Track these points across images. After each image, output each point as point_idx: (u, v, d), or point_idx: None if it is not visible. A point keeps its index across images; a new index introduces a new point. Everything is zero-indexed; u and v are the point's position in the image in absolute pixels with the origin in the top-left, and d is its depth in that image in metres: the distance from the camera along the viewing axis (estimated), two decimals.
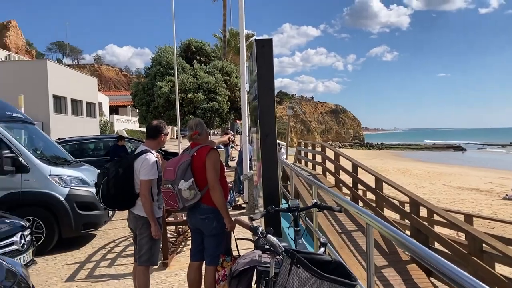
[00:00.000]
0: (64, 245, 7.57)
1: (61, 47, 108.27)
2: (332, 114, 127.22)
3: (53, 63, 29.65)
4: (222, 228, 4.06)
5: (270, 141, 4.10)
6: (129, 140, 16.15)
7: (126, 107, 53.86)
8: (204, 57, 25.75)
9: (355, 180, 11.88)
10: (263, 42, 4.07)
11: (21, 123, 8.40)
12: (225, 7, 33.91)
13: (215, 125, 24.60)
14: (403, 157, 69.73)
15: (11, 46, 73.00)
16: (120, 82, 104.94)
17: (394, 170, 38.39)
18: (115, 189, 4.16)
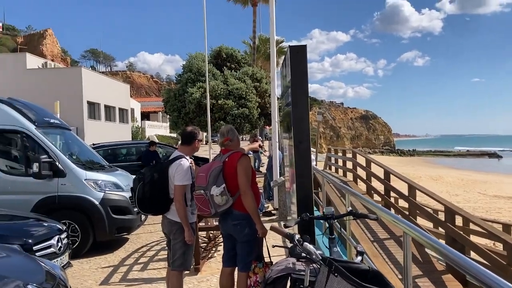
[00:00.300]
0: (98, 249, 7.71)
1: (95, 54, 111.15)
2: (362, 120, 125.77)
3: (87, 70, 30.45)
4: (254, 234, 4.06)
5: (303, 148, 4.09)
6: (160, 146, 16.37)
7: (157, 113, 54.70)
8: (235, 64, 25.93)
9: (387, 187, 11.68)
10: (297, 48, 4.07)
11: (58, 129, 8.63)
12: (255, 13, 34.07)
13: (244, 131, 24.69)
14: (435, 164, 68.32)
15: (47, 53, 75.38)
16: (151, 89, 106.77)
17: (426, 177, 37.64)
18: (150, 194, 4.22)
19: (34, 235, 5.09)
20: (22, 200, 7.20)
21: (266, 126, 28.70)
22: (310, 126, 19.37)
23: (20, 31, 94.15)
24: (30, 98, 10.77)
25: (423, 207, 10.16)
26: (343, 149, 21.22)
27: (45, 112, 8.65)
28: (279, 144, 12.24)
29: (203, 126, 20.69)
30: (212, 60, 25.55)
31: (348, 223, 4.92)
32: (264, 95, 24.41)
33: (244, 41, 42.61)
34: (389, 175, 11.63)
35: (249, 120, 23.07)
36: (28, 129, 7.47)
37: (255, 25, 34.79)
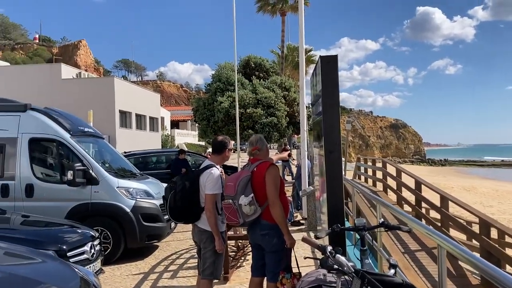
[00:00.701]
0: (129, 256, 7.82)
1: (127, 64, 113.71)
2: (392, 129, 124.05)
3: (119, 80, 31.14)
4: (282, 244, 4.04)
5: (334, 157, 4.06)
6: (188, 154, 16.55)
7: (186, 121, 55.42)
8: (263, 73, 26.07)
9: (419, 197, 11.47)
10: (328, 58, 4.06)
11: (91, 137, 8.84)
12: (283, 23, 34.17)
13: (273, 139, 24.72)
14: (467, 174, 66.62)
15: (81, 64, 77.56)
16: (181, 98, 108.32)
17: (458, 188, 36.72)
18: (181, 203, 4.26)
19: (68, 241, 5.21)
20: (57, 207, 7.38)
21: (294, 135, 28.62)
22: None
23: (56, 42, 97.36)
24: (65, 107, 11.08)
25: (456, 219, 9.92)
26: (373, 159, 20.97)
27: (80, 121, 8.88)
28: (308, 153, 12.19)
29: (232, 134, 20.82)
30: (241, 69, 25.75)
31: (379, 235, 4.85)
32: (293, 104, 24.41)
33: (272, 50, 42.81)
34: (420, 185, 11.43)
35: (277, 128, 23.08)
36: (63, 137, 7.67)
37: (283, 35, 34.90)
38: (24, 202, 7.39)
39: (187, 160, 14.13)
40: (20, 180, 7.49)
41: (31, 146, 7.63)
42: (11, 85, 25.43)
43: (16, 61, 66.21)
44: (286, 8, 33.37)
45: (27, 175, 7.51)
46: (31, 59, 76.77)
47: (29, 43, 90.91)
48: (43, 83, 26.89)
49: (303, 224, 10.75)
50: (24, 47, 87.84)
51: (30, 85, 26.26)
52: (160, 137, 36.01)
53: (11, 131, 7.60)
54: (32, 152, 7.66)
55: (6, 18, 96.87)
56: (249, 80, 24.61)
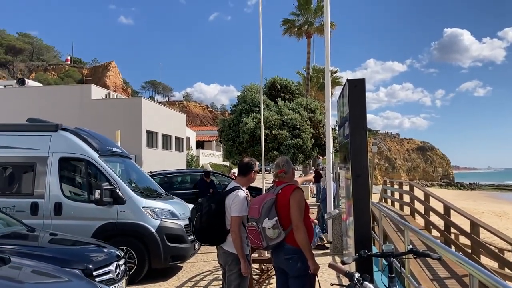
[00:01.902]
0: (153, 276, 7.82)
1: (154, 85, 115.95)
2: (419, 151, 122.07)
3: (146, 101, 31.74)
4: (306, 269, 3.96)
5: (362, 181, 4.01)
6: (213, 174, 16.61)
7: (211, 141, 55.85)
8: (289, 94, 26.18)
9: (447, 223, 11.18)
10: (356, 82, 4.05)
11: (119, 157, 8.98)
12: (309, 45, 34.33)
13: (298, 161, 24.62)
14: (498, 198, 64.74)
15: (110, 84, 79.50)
16: (206, 118, 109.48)
17: (489, 213, 35.71)
18: (207, 224, 4.26)
19: (94, 260, 5.26)
20: (84, 226, 7.48)
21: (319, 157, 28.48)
22: None
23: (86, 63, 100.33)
24: (94, 127, 11.33)
25: (488, 246, 9.60)
26: (400, 182, 20.62)
27: (108, 141, 9.05)
28: (334, 175, 12.07)
29: (257, 155, 20.85)
30: (266, 91, 25.93)
31: (407, 261, 4.74)
32: (318, 126, 24.35)
33: (298, 71, 42.97)
34: (449, 210, 11.16)
35: (302, 150, 23.00)
36: (92, 157, 7.82)
37: (309, 57, 35.03)
38: (53, 220, 7.51)
39: (213, 181, 14.19)
40: (50, 198, 7.63)
41: (61, 165, 7.80)
42: (43, 105, 26.22)
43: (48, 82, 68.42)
44: (312, 30, 33.55)
45: (56, 194, 7.65)
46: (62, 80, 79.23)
47: (61, 64, 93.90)
48: (73, 104, 27.65)
49: (329, 248, 10.59)
50: (56, 68, 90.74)
51: (61, 105, 27.02)
52: (185, 157, 36.34)
53: (42, 150, 7.79)
54: (61, 171, 7.82)
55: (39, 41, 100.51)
56: (275, 102, 24.73)
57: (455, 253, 3.17)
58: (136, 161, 25.31)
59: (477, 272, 2.75)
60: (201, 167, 37.29)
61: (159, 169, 18.01)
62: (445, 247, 3.39)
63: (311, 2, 32.78)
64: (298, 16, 34.00)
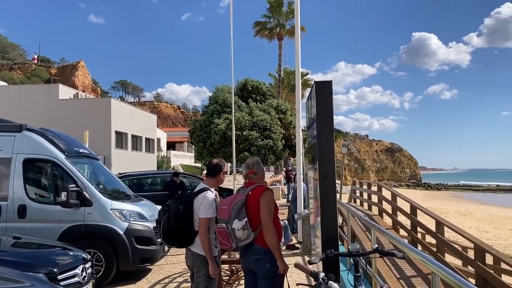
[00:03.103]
0: (121, 279, 7.71)
1: (124, 85, 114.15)
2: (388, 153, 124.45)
3: (116, 101, 31.27)
4: (275, 270, 3.98)
5: (329, 182, 4.06)
6: (184, 176, 16.50)
7: (182, 143, 55.40)
8: (260, 96, 26.20)
9: (414, 222, 11.42)
10: (323, 84, 4.10)
11: (86, 158, 8.81)
12: (280, 47, 34.55)
13: (269, 162, 24.70)
14: (463, 198, 66.60)
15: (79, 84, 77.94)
16: (178, 119, 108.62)
17: (454, 213, 36.65)
18: (175, 226, 4.23)
19: (60, 264, 5.13)
20: (49, 228, 7.30)
21: (290, 157, 28.64)
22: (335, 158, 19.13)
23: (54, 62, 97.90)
24: (61, 127, 11.08)
25: (452, 244, 9.86)
26: (368, 182, 20.96)
27: (75, 142, 8.86)
28: (304, 176, 12.17)
29: (228, 156, 20.80)
30: (238, 92, 25.90)
31: (373, 260, 4.81)
32: (289, 127, 24.49)
33: (269, 73, 43.16)
34: (415, 210, 11.39)
35: (273, 151, 23.07)
36: (58, 158, 7.64)
37: (280, 59, 35.25)
38: (16, 223, 7.29)
39: (183, 182, 14.08)
40: (13, 200, 7.40)
41: (25, 166, 7.58)
42: (8, 105, 25.46)
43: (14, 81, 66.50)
44: (283, 33, 33.77)
45: (20, 196, 7.44)
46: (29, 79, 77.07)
47: (28, 63, 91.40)
48: (40, 103, 26.96)
49: (298, 248, 10.68)
50: (22, 67, 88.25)
51: (28, 105, 26.31)
52: (156, 159, 35.94)
53: (6, 151, 7.56)
54: (26, 173, 7.60)
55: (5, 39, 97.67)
56: (246, 103, 24.73)
57: (419, 251, 3.25)
58: (105, 162, 24.87)
59: (439, 270, 2.82)
60: (172, 169, 36.94)
61: (129, 171, 17.76)
62: (410, 246, 3.47)
63: (282, 5, 32.99)
64: (270, 19, 34.17)
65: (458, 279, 2.60)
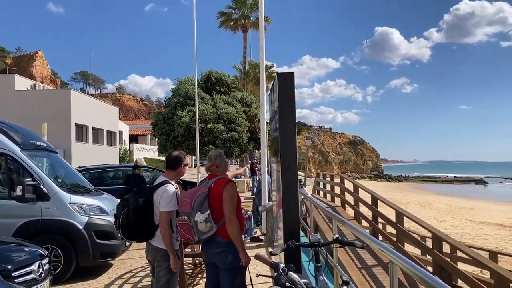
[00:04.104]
0: (81, 274, 7.53)
1: (85, 76, 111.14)
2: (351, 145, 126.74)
3: (76, 93, 30.42)
4: (237, 262, 3.96)
5: (290, 174, 4.07)
6: (147, 169, 16.26)
7: (145, 135, 54.56)
8: (224, 88, 26.09)
9: (375, 213, 11.67)
10: (285, 75, 4.09)
11: (44, 151, 8.53)
12: (245, 39, 34.56)
13: (234, 155, 24.68)
14: (423, 190, 68.65)
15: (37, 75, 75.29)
16: (141, 111, 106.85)
17: (414, 203, 37.76)
18: (134, 221, 4.14)
19: (14, 260, 4.96)
20: (4, 224, 7.02)
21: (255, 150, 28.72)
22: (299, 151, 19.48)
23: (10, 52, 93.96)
24: (18, 120, 10.70)
25: (411, 234, 10.14)
26: (331, 174, 21.27)
27: (32, 134, 8.56)
28: (268, 169, 12.22)
29: (192, 149, 20.66)
30: (202, 84, 25.70)
31: (335, 250, 4.87)
32: (254, 120, 24.52)
33: (234, 65, 43.05)
34: (376, 201, 11.64)
35: (238, 144, 23.07)
36: (13, 151, 7.36)
37: (245, 51, 35.24)
38: None
39: (143, 176, 13.86)
40: None
41: None
42: None
43: None
44: (248, 25, 33.74)
45: None
46: None
47: None
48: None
49: (263, 240, 10.72)
50: None
51: None
52: (118, 152, 35.26)
53: None
54: None
55: None
56: (210, 95, 24.58)
57: (377, 241, 3.30)
58: (65, 155, 24.21)
59: (397, 259, 2.87)
60: (135, 162, 36.36)
61: (90, 164, 17.34)
62: (369, 236, 3.52)
63: None
64: (235, 10, 34.07)
65: (415, 267, 2.66)
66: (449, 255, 10.91)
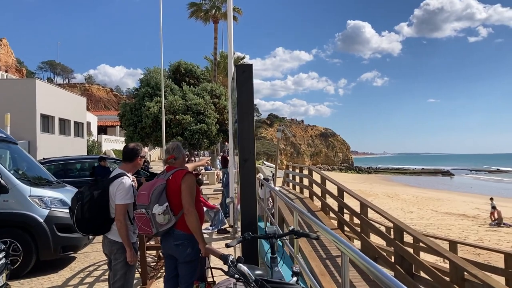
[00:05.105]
0: (41, 268, 7.39)
1: (53, 66, 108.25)
2: (322, 138, 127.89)
3: (41, 82, 29.56)
4: (196, 254, 3.96)
5: (249, 165, 4.07)
6: (116, 161, 16.01)
7: (114, 127, 53.62)
8: (194, 79, 25.85)
9: (341, 204, 11.83)
10: (244, 67, 4.07)
11: (3, 143, 8.29)
12: (216, 30, 34.29)
13: (203, 146, 24.56)
14: (391, 181, 70.04)
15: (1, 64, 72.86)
16: (110, 102, 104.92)
17: (383, 195, 38.46)
18: (89, 214, 4.06)
19: None
20: None
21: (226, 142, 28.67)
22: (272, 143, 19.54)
23: None
24: None
25: (374, 225, 10.33)
26: (300, 166, 21.43)
27: None
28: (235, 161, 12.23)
29: (160, 141, 20.45)
30: (171, 75, 25.39)
31: (296, 242, 4.92)
32: (223, 111, 24.45)
33: (205, 56, 42.70)
34: (342, 192, 11.78)
35: (207, 136, 22.96)
36: None
37: (216, 42, 35.02)
38: None
39: (109, 168, 13.65)
40: None
41: None
42: None
43: None
44: (219, 16, 33.46)
45: None
46: None
47: None
48: None
49: (230, 232, 10.74)
50: None
51: None
52: (86, 143, 34.58)
53: None
54: None
55: None
56: (179, 86, 24.32)
57: (331, 232, 3.34)
58: (30, 147, 23.60)
59: (346, 249, 2.91)
60: (103, 153, 35.75)
61: (57, 156, 16.96)
62: (323, 226, 3.55)
63: None
64: (205, 0, 33.72)
65: (363, 258, 2.69)
66: (413, 245, 11.20)
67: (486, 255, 14.36)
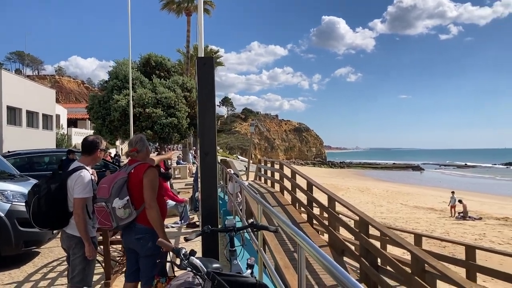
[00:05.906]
0: (2, 264, 7.21)
1: (21, 57, 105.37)
2: (296, 132, 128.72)
3: (8, 73, 28.73)
4: (157, 248, 3.93)
5: (209, 159, 4.06)
6: None
7: (85, 120, 52.59)
8: (164, 72, 25.51)
9: (310, 198, 11.94)
10: (205, 60, 4.05)
11: None
12: (189, 23, 33.96)
13: (173, 140, 24.33)
14: (363, 175, 71.11)
15: None
16: (82, 94, 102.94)
17: (354, 189, 39.01)
18: (46, 208, 3.98)
19: None
20: None
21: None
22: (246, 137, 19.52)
23: None
24: None
25: (341, 218, 10.47)
26: (272, 161, 21.53)
27: None
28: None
29: (129, 135, 20.19)
30: (141, 67, 25.01)
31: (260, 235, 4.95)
32: (194, 105, 24.25)
33: (178, 49, 42.33)
34: (311, 186, 11.89)
35: (178, 129, 22.74)
36: None
37: (189, 35, 34.69)
38: None
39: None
40: None
41: None
42: None
43: None
44: (192, 8, 33.12)
45: None
46: None
47: None
48: None
49: (199, 226, 10.71)
50: None
51: None
52: (55, 136, 33.87)
53: None
54: None
55: None
56: (149, 79, 23.97)
57: (289, 224, 3.36)
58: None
59: (303, 242, 2.93)
60: (73, 147, 35.07)
61: (25, 149, 16.55)
62: (283, 219, 3.57)
63: None
64: None
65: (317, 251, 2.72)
66: (380, 238, 11.42)
67: (451, 248, 14.75)
